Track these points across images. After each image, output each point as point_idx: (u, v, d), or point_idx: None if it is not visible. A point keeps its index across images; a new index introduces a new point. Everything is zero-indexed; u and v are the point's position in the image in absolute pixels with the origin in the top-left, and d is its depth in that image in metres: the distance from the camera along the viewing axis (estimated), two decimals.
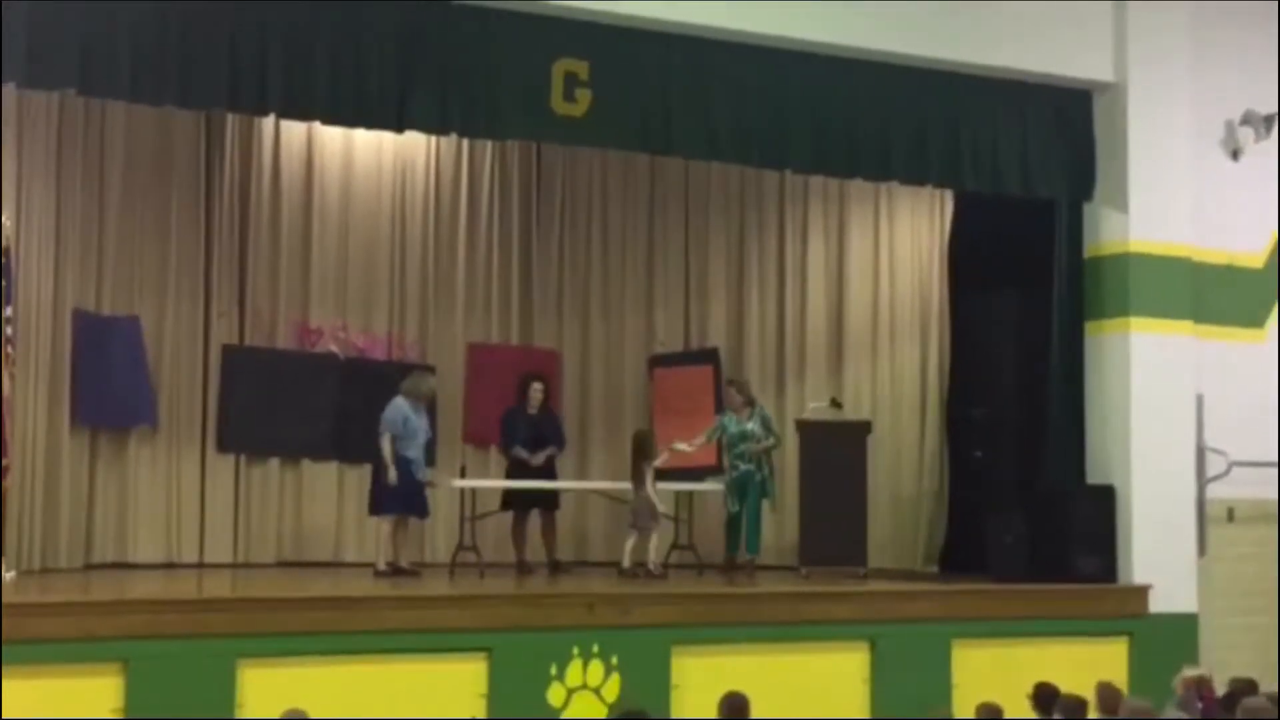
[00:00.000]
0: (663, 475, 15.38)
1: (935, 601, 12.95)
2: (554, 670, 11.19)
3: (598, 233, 16.76)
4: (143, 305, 14.47)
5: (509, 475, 14.36)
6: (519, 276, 16.33)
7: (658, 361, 16.27)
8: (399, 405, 13.37)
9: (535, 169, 16.55)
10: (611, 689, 11.35)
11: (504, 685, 10.96)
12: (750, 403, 14.57)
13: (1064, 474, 13.99)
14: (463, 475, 14.32)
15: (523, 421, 14.31)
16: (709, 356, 16.15)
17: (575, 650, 11.27)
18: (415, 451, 13.38)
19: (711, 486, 15.16)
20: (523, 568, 14.08)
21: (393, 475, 13.12)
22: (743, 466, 14.27)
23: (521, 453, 14.19)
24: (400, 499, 13.33)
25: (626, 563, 13.41)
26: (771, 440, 14.44)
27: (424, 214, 15.92)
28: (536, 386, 14.41)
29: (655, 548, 13.59)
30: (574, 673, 11.27)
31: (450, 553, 13.96)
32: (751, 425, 14.36)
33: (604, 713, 11.17)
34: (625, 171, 16.70)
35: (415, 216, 15.87)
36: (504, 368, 15.59)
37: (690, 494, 15.05)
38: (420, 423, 13.47)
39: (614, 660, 11.38)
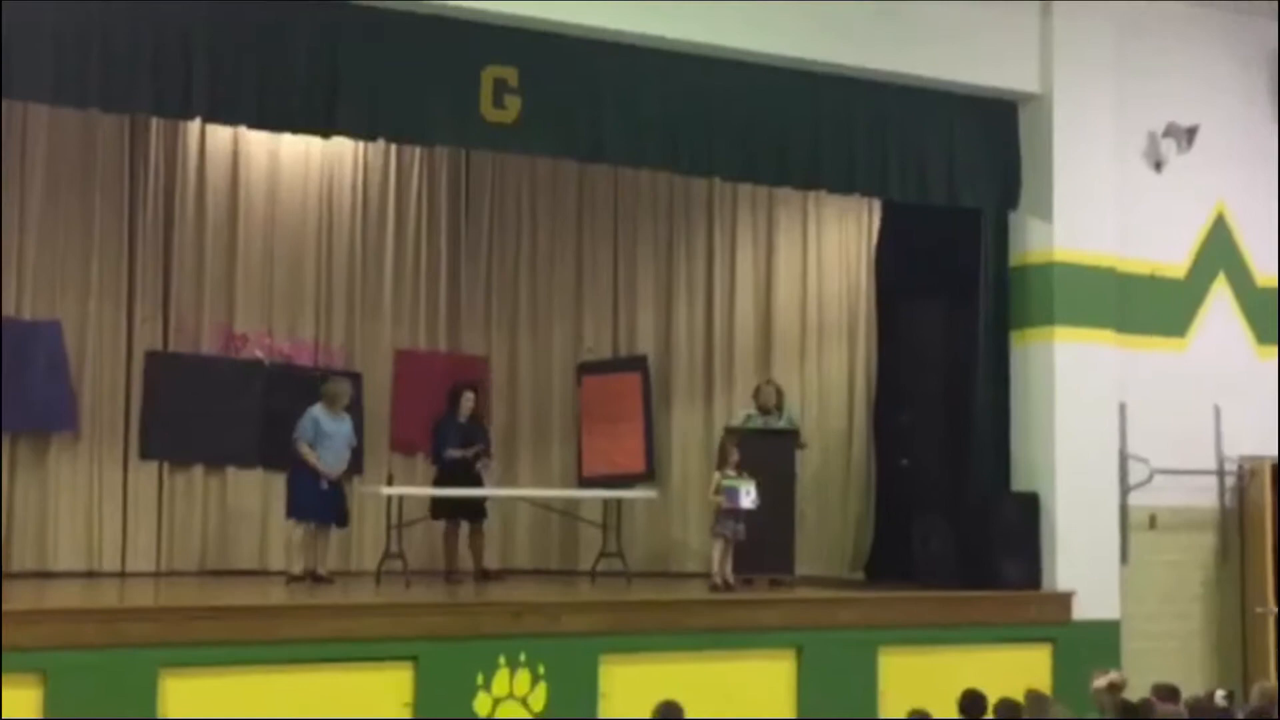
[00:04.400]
0: (591, 482, 15.40)
1: (861, 609, 12.99)
2: (480, 679, 11.13)
3: (526, 240, 16.71)
4: (64, 309, 14.27)
5: (438, 484, 14.29)
6: (447, 283, 16.24)
7: (586, 369, 16.24)
8: (311, 413, 13.33)
9: (464, 176, 16.47)
10: (538, 698, 11.31)
11: (430, 694, 10.89)
12: (780, 404, 14.63)
13: (989, 481, 14.08)
14: (390, 483, 14.22)
15: (454, 430, 14.25)
16: (637, 364, 16.14)
17: (502, 659, 11.22)
18: (331, 459, 13.31)
19: (641, 494, 15.16)
20: (452, 576, 14.00)
21: (322, 478, 13.11)
22: None
23: (455, 453, 14.13)
24: (314, 506, 13.25)
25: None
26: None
27: (351, 220, 15.80)
28: (468, 395, 14.36)
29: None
30: (501, 682, 11.22)
31: (377, 561, 13.85)
32: (783, 425, 14.47)
33: None
34: (554, 178, 16.66)
35: (342, 222, 15.76)
36: (432, 375, 15.51)
37: (619, 502, 15.03)
38: (337, 429, 13.40)
39: (541, 669, 11.34)
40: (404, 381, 15.73)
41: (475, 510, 14.33)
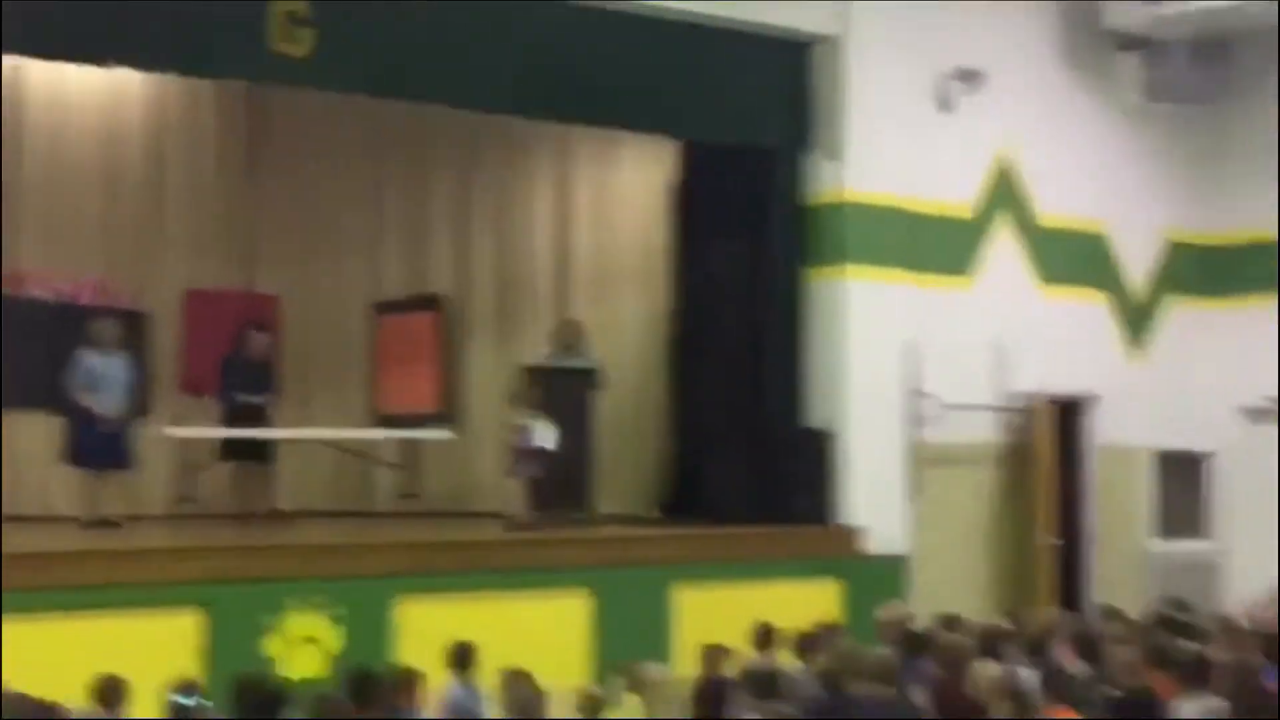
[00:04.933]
0: (387, 422, 15.27)
1: (656, 546, 13.12)
2: (273, 622, 10.98)
3: (320, 176, 16.41)
4: None
5: (227, 424, 14.01)
6: (239, 220, 15.90)
7: (381, 308, 16.05)
8: (80, 355, 12.91)
9: (256, 109, 16.10)
10: (333, 640, 11.20)
11: (220, 639, 10.67)
12: (579, 342, 14.80)
13: (783, 418, 14.29)
14: (178, 424, 13.91)
15: (242, 370, 13.98)
16: (433, 303, 16.00)
17: (295, 601, 11.08)
18: (107, 402, 12.93)
19: (438, 434, 15.07)
20: (243, 518, 13.78)
21: (98, 422, 12.76)
22: None
23: (243, 397, 13.86)
24: (94, 450, 12.90)
25: None
26: None
27: (139, 156, 15.36)
28: (256, 335, 14.10)
29: None
30: (294, 624, 11.07)
31: (166, 504, 13.56)
32: (581, 364, 14.63)
33: (325, 665, 11.01)
34: (348, 114, 16.33)
35: (130, 158, 15.31)
36: (222, 314, 15.20)
37: (416, 442, 14.93)
38: (109, 371, 13.01)
39: (335, 611, 11.22)
40: (193, 321, 15.40)
41: (263, 453, 14.10)
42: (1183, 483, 16.41)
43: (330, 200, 16.40)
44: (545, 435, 13.08)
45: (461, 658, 9.62)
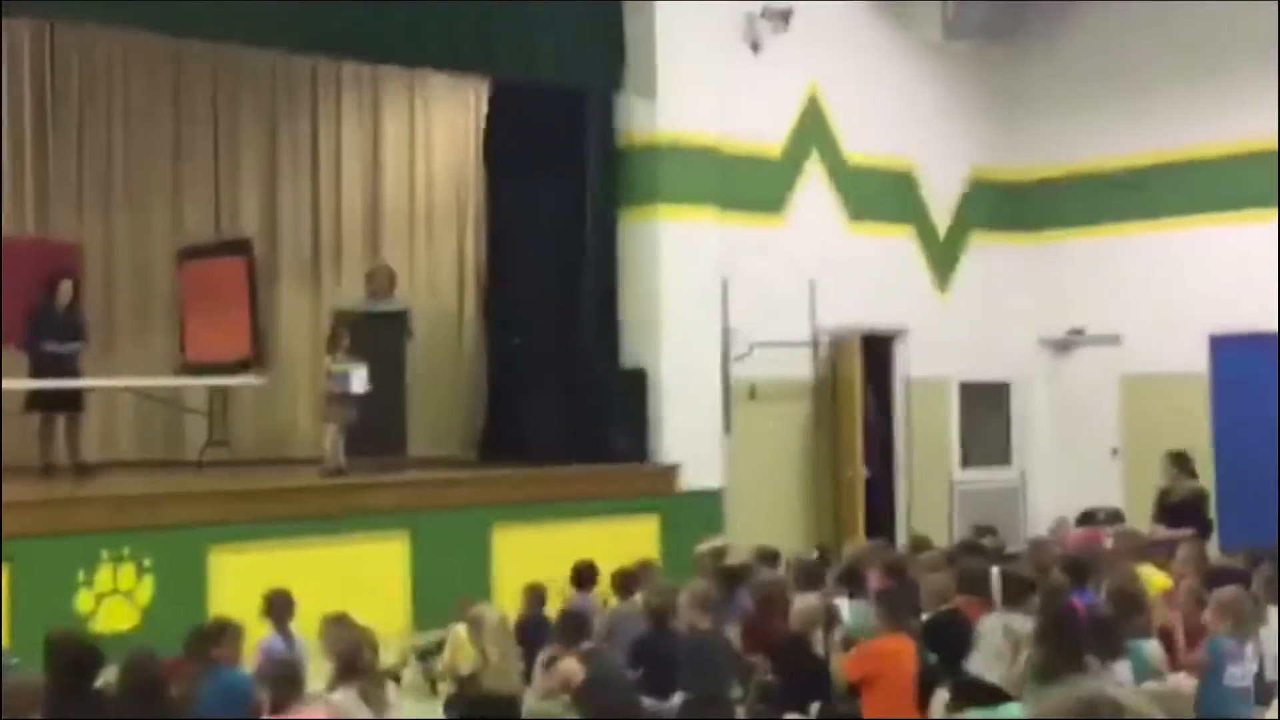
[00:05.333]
0: (195, 369, 14.95)
1: (474, 487, 13.10)
2: (81, 576, 10.73)
3: (119, 118, 15.89)
4: None
5: (34, 375, 13.57)
6: (33, 165, 15.33)
7: (187, 253, 15.66)
8: None
9: (49, 49, 15.52)
10: (144, 592, 10.99)
11: (27, 594, 10.40)
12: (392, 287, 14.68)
13: (598, 358, 14.33)
14: None
15: (51, 320, 13.55)
16: (241, 247, 15.66)
17: (104, 554, 10.84)
18: None
19: (248, 380, 14.80)
20: (49, 471, 13.39)
21: None
22: None
23: (53, 347, 13.45)
24: None
25: None
26: None
27: None
28: (65, 284, 13.67)
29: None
30: (104, 577, 10.84)
31: None
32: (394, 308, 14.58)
33: (136, 618, 10.80)
34: (148, 54, 15.87)
35: None
36: (19, 262, 14.63)
37: (225, 389, 14.65)
38: None
39: (146, 562, 11.01)
40: None
41: (74, 402, 13.72)
42: (987, 413, 16.88)
43: (131, 145, 15.91)
44: (358, 379, 12.92)
45: (277, 607, 9.48)
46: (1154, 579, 10.64)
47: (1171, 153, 15.90)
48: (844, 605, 10.23)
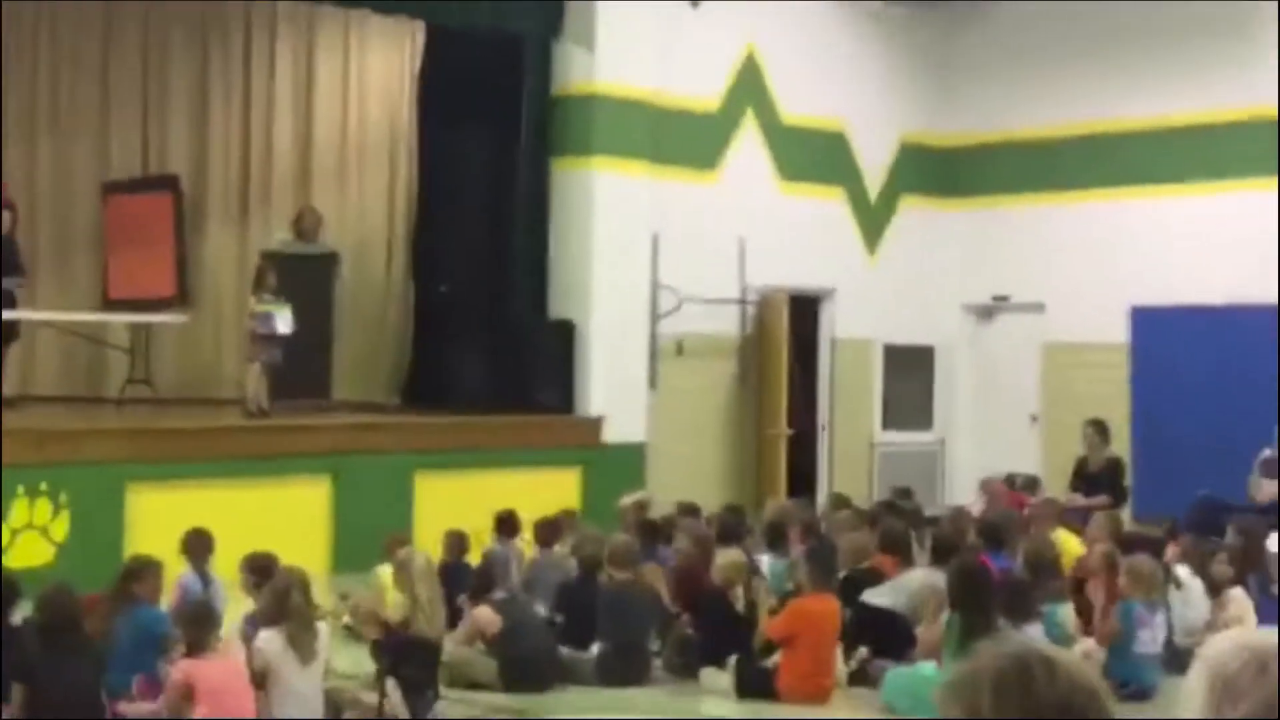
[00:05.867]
0: (118, 306, 14.78)
1: (398, 433, 13.05)
2: None
3: (45, 49, 15.60)
4: None
5: None
6: None
7: (112, 188, 15.44)
8: None
9: None
10: (60, 528, 10.88)
11: None
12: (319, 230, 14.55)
13: (526, 308, 14.31)
14: None
15: None
16: (168, 184, 15.46)
17: (20, 489, 10.72)
18: None
19: (171, 318, 14.65)
20: None
21: None
22: None
23: (9, 283, 13.26)
24: None
25: None
26: None
27: None
28: (5, 216, 13.45)
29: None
30: (19, 512, 10.73)
31: None
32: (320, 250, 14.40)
33: (51, 554, 10.70)
34: None
35: None
36: None
37: (148, 326, 14.49)
38: None
39: (63, 498, 10.90)
40: None
41: (7, 335, 13.54)
42: (910, 376, 17.02)
43: (58, 77, 15.63)
44: (283, 320, 12.82)
45: (195, 546, 9.42)
46: (1069, 544, 10.81)
47: (1099, 124, 16.03)
48: (764, 561, 10.32)
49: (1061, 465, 14.03)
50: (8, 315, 13.35)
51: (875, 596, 9.47)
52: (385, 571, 9.93)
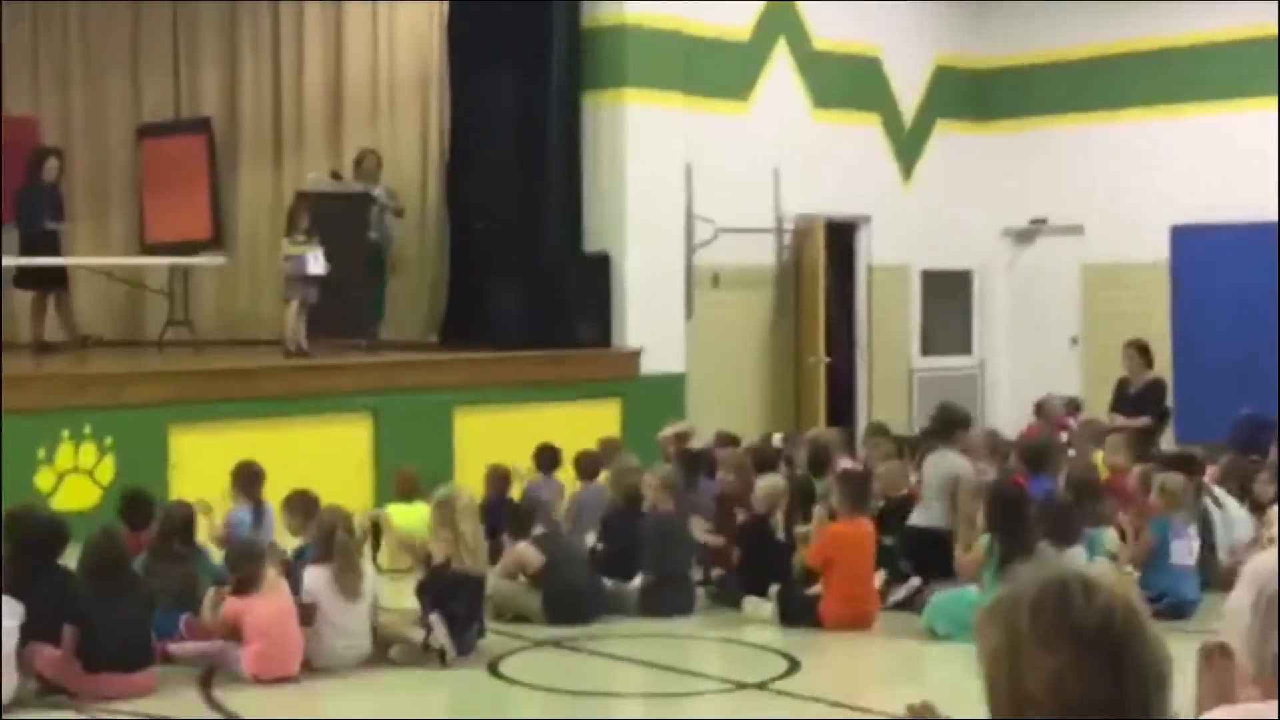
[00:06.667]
0: (156, 249, 14.86)
1: (437, 370, 13.10)
2: (42, 454, 10.72)
3: None
4: None
5: (27, 252, 13.48)
6: None
7: (146, 131, 15.47)
8: None
9: None
10: (105, 470, 10.99)
11: None
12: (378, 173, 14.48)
13: (561, 243, 14.29)
14: None
15: (44, 197, 13.49)
16: (201, 126, 15.49)
17: (65, 432, 10.83)
18: None
19: (209, 260, 14.72)
20: (42, 347, 13.37)
21: None
22: (372, 236, 14.03)
23: (54, 226, 13.43)
24: None
25: None
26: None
27: None
28: (53, 161, 13.62)
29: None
30: (64, 455, 10.84)
31: None
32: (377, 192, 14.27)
33: (97, 495, 10.81)
34: None
35: None
36: None
37: (186, 269, 14.56)
38: None
39: (108, 441, 11.00)
40: None
41: (62, 280, 13.73)
42: (947, 302, 16.95)
43: (90, 22, 15.64)
44: (315, 261, 12.84)
45: (246, 479, 9.51)
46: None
47: (1135, 42, 15.85)
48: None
49: (1102, 387, 13.97)
50: (51, 261, 13.49)
51: (916, 518, 9.52)
52: (394, 509, 10.03)
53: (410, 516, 9.75)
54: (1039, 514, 8.43)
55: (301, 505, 8.70)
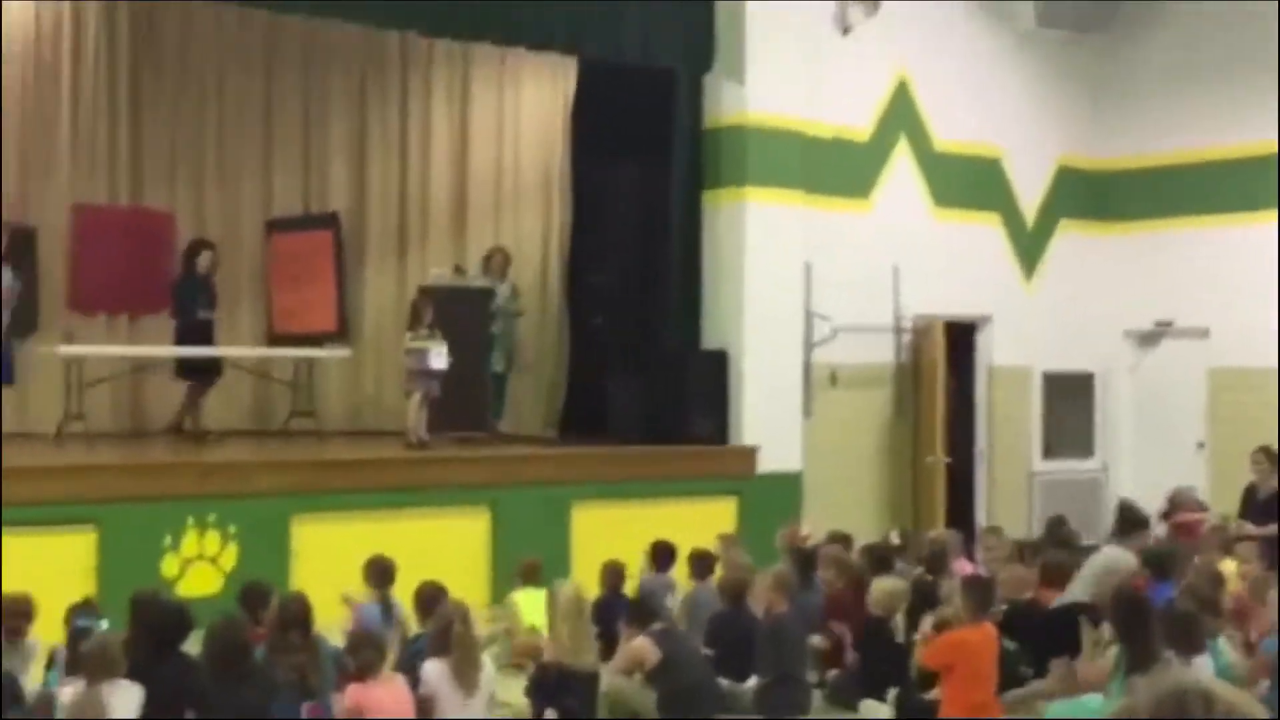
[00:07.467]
0: (282, 341, 15.13)
1: (555, 464, 13.16)
2: (168, 541, 10.92)
3: (212, 92, 16.05)
4: None
5: (180, 343, 13.92)
6: (128, 136, 15.50)
7: (275, 226, 15.83)
8: None
9: (144, 26, 15.70)
10: (229, 558, 11.16)
11: (114, 558, 10.62)
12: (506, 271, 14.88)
13: (680, 339, 14.37)
14: (69, 342, 13.68)
15: (198, 288, 13.96)
16: (329, 221, 15.82)
17: (190, 520, 11.02)
18: None
19: (334, 353, 14.97)
20: (200, 435, 13.78)
21: None
22: (495, 331, 14.42)
23: (207, 315, 13.87)
24: None
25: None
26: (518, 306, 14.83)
27: (23, 70, 14.91)
28: (206, 253, 14.10)
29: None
30: (189, 543, 11.03)
31: (55, 423, 13.35)
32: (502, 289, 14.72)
33: (220, 583, 10.97)
34: (241, 29, 16.04)
35: (13, 73, 14.84)
36: (113, 230, 14.90)
37: (311, 361, 14.82)
38: None
39: (231, 529, 11.18)
40: (83, 237, 15.05)
41: (219, 368, 14.16)
42: (1069, 404, 16.75)
43: (222, 118, 16.07)
44: (438, 356, 13.02)
45: (378, 574, 9.59)
46: (1234, 574, 10.56)
47: (1257, 146, 15.68)
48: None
49: (1229, 493, 13.70)
50: (195, 353, 13.87)
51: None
52: (521, 596, 10.06)
53: (537, 602, 9.79)
54: (1162, 621, 8.25)
55: (426, 597, 8.76)
